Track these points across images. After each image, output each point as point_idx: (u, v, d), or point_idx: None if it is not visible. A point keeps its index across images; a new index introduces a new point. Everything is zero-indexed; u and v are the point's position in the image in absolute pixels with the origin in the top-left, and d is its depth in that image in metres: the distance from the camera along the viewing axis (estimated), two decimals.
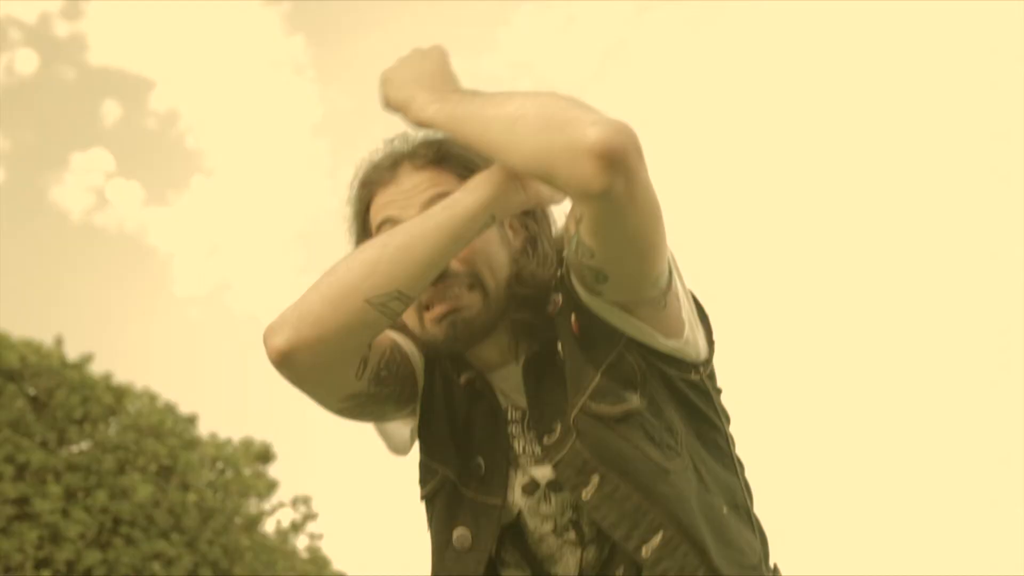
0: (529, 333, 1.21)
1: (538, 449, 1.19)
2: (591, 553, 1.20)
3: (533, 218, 1.25)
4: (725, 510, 1.15)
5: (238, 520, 7.13)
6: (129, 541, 6.24)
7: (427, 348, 1.26)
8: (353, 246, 1.26)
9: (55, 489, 5.82)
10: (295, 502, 7.72)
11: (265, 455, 7.52)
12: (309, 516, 9.89)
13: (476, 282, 1.18)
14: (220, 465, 7.21)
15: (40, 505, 5.73)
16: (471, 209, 1.12)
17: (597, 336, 1.15)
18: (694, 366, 1.19)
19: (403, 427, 1.33)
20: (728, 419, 1.25)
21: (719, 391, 1.24)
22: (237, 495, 7.19)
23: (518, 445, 1.23)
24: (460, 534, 1.22)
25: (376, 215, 1.23)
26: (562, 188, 1.04)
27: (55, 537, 5.83)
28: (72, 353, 6.20)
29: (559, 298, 1.18)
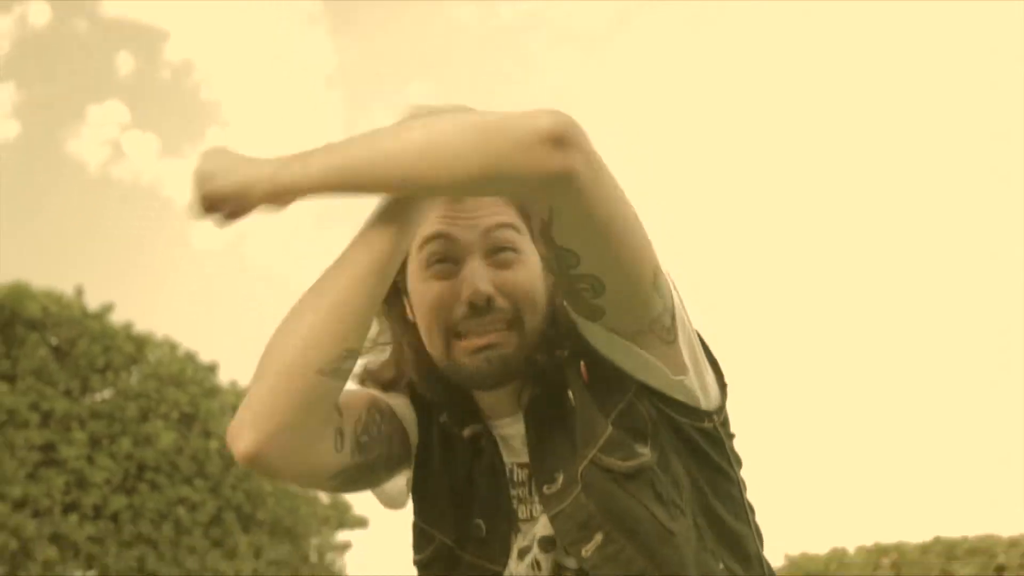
0: (538, 377, 1.13)
1: (538, 506, 1.12)
2: None
3: None
4: (722, 567, 1.08)
5: None
6: (154, 486, 6.37)
7: (433, 384, 1.18)
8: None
9: (80, 436, 5.94)
10: None
11: None
12: None
13: (517, 320, 1.10)
14: None
15: (66, 452, 5.85)
16: (393, 243, 1.03)
17: (608, 383, 1.08)
18: (707, 413, 1.11)
19: (398, 478, 1.25)
20: (740, 464, 1.18)
21: (732, 436, 1.17)
22: None
23: (523, 510, 1.15)
24: None
25: (429, 223, 1.13)
26: (519, 188, 0.98)
27: (81, 482, 5.96)
28: (92, 303, 6.28)
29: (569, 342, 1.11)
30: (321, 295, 1.02)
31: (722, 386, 1.15)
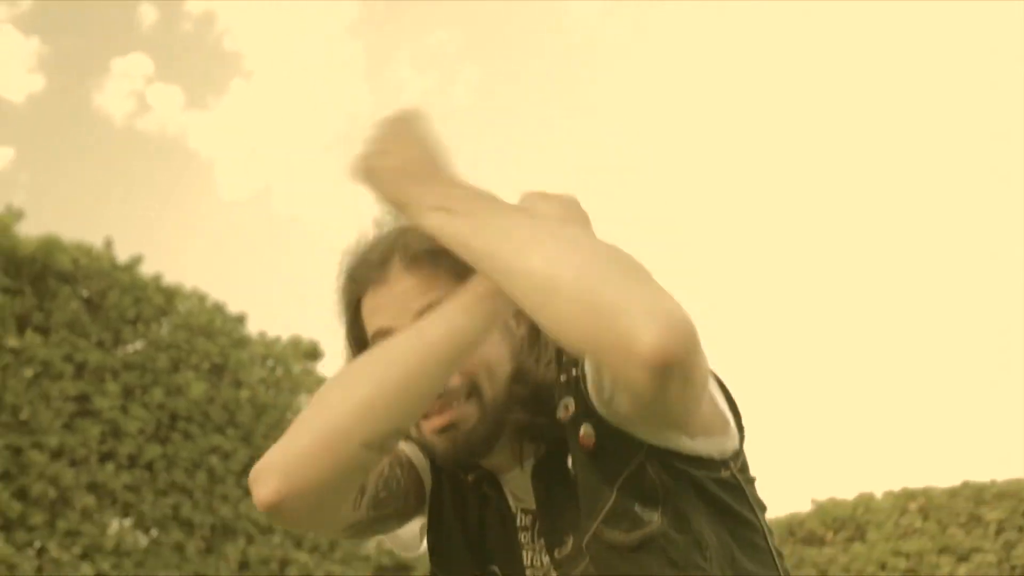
0: (533, 436, 1.10)
1: (546, 559, 1.10)
2: None
3: None
4: None
5: (290, 415, 7.30)
6: (187, 436, 6.46)
7: (429, 453, 1.16)
8: (344, 340, 1.16)
9: (113, 387, 6.01)
10: None
11: (313, 353, 7.66)
12: None
13: (474, 391, 1.07)
14: (270, 363, 7.37)
15: (100, 402, 5.93)
16: (472, 332, 0.99)
17: (613, 449, 1.01)
18: (723, 463, 1.06)
19: (412, 522, 1.25)
20: (764, 509, 1.12)
21: (752, 480, 1.11)
22: (288, 391, 7.36)
23: (526, 556, 1.13)
24: None
25: (368, 320, 1.12)
26: (607, 376, 0.93)
27: (116, 432, 6.05)
28: (121, 255, 6.33)
29: (571, 403, 1.05)
30: (388, 366, 0.98)
31: (740, 428, 1.10)
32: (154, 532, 6.27)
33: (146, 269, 6.49)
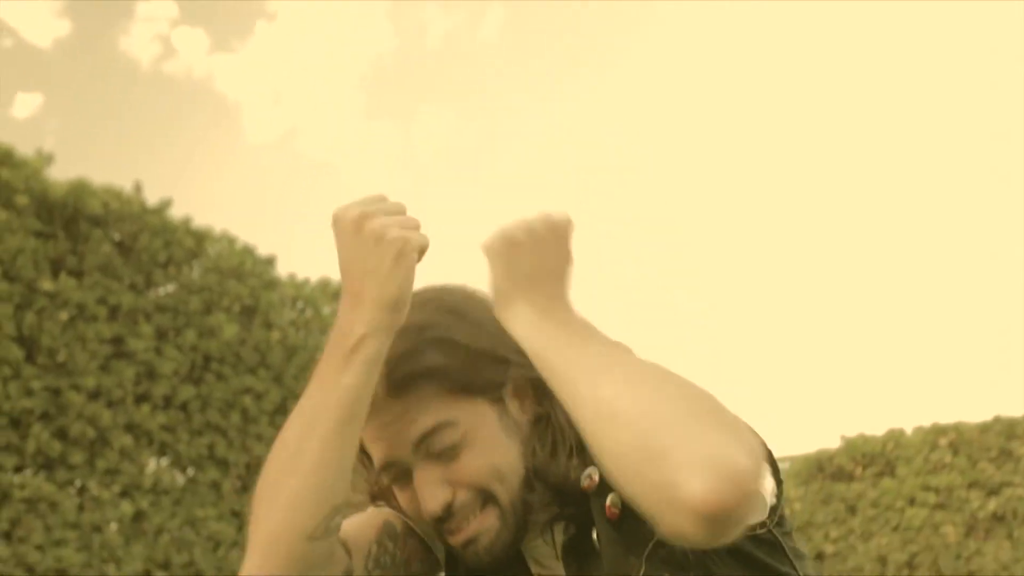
0: (559, 519, 1.06)
1: None
2: None
3: (539, 386, 1.04)
4: None
5: (319, 356, 7.36)
6: (219, 377, 6.54)
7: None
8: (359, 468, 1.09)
9: (147, 329, 6.09)
10: None
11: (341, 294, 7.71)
12: None
13: (489, 499, 1.04)
14: (300, 304, 7.42)
15: (134, 344, 6.01)
16: (357, 386, 0.96)
17: (639, 518, 0.93)
18: (759, 524, 1.02)
19: None
20: (803, 557, 1.08)
21: (790, 532, 1.07)
22: (318, 333, 7.42)
23: None
24: None
25: (371, 450, 1.07)
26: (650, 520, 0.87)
27: (151, 374, 6.14)
28: (150, 199, 6.36)
29: (595, 473, 1.02)
30: (299, 458, 0.96)
31: (777, 482, 1.05)
32: (191, 471, 6.39)
33: (175, 212, 6.53)
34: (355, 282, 0.99)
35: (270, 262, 7.16)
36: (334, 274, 7.85)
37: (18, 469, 5.44)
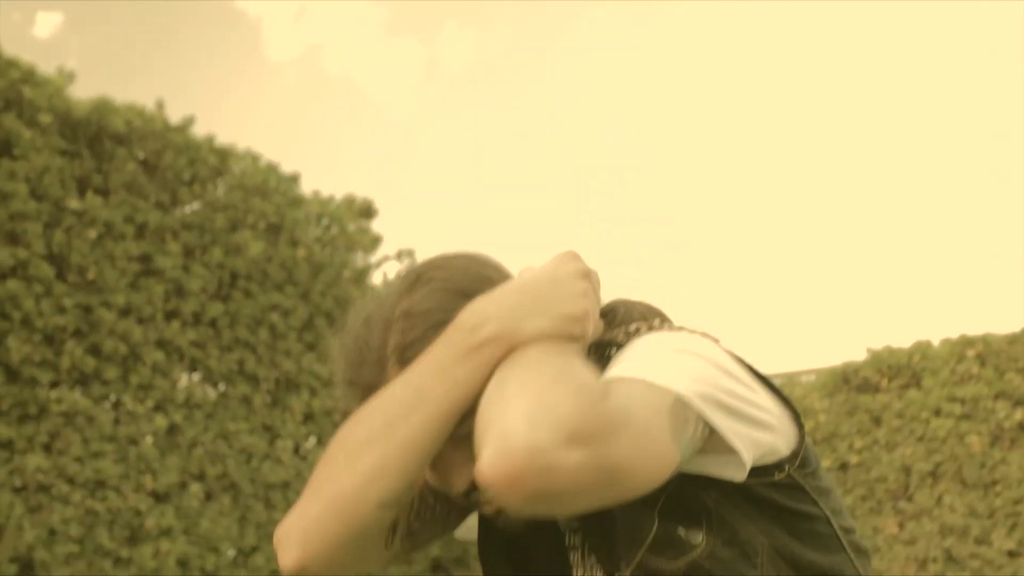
0: None
1: (600, 574, 1.08)
2: None
3: None
4: None
5: (347, 273, 7.40)
6: (247, 294, 6.60)
7: None
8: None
9: (174, 247, 6.13)
10: (399, 255, 7.92)
11: (367, 210, 7.70)
12: None
13: None
14: (325, 221, 7.43)
15: (162, 262, 6.06)
16: (471, 384, 0.97)
17: None
18: (776, 466, 1.04)
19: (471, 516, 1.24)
20: (828, 492, 1.10)
21: (814, 471, 1.08)
22: (344, 250, 7.45)
23: (577, 573, 1.11)
24: None
25: None
26: None
27: (179, 291, 6.20)
28: (173, 117, 6.34)
29: None
30: (393, 429, 0.97)
31: (798, 424, 1.07)
32: (222, 386, 6.50)
33: (198, 131, 6.52)
34: (528, 304, 1.00)
35: (294, 179, 7.16)
36: (358, 190, 7.85)
37: (54, 385, 5.56)
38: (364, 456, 0.98)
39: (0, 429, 5.22)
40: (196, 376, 6.42)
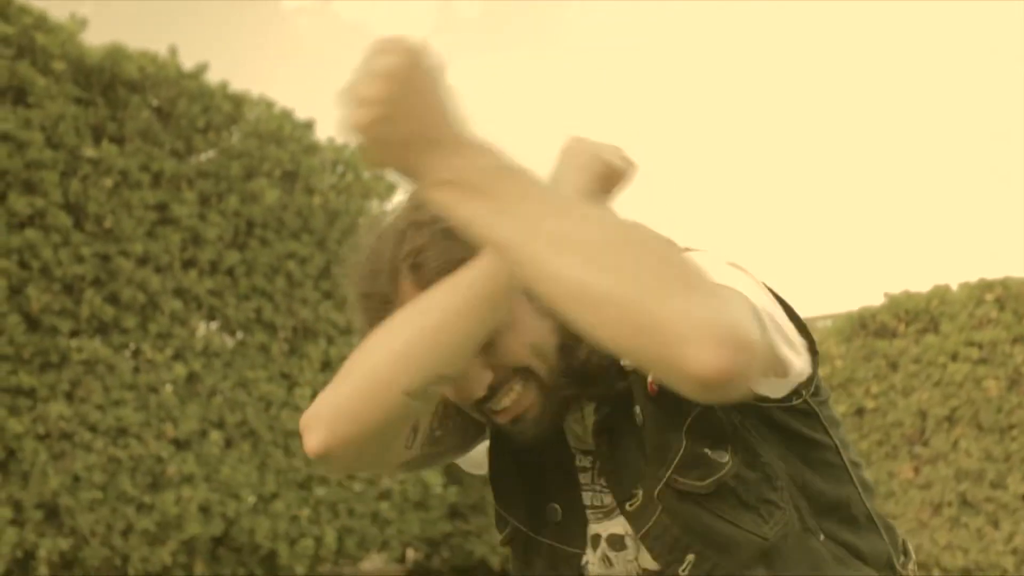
0: (601, 398, 1.08)
1: (607, 499, 1.10)
2: None
3: None
4: (822, 538, 1.05)
5: (363, 221, 7.39)
6: (263, 242, 6.59)
7: None
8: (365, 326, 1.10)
9: (190, 195, 6.12)
10: None
11: None
12: None
13: (528, 377, 1.04)
14: (340, 168, 7.39)
15: (179, 210, 6.05)
16: (507, 273, 0.92)
17: (678, 394, 0.89)
18: (795, 392, 1.04)
19: (482, 444, 1.23)
20: (838, 424, 1.11)
21: (826, 400, 1.09)
22: (359, 197, 7.41)
23: (587, 496, 1.12)
24: None
25: None
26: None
27: (196, 239, 6.20)
28: (186, 64, 6.28)
29: None
30: (425, 313, 0.96)
31: (812, 352, 1.05)
32: (240, 334, 6.52)
33: (211, 77, 6.46)
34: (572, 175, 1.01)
35: (309, 126, 7.11)
36: None
37: (74, 333, 5.59)
38: (394, 342, 0.97)
39: (22, 377, 5.26)
40: (214, 325, 6.44)
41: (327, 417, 0.97)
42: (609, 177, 1.05)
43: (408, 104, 0.78)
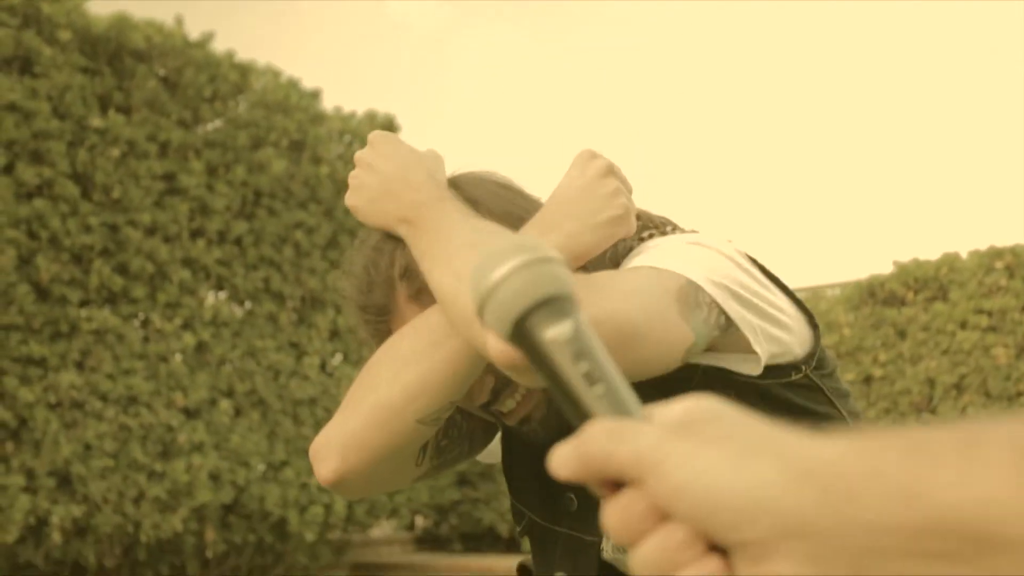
0: None
1: None
2: None
3: None
4: None
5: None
6: (271, 212, 6.59)
7: None
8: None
9: (197, 165, 6.11)
10: None
11: (389, 127, 7.62)
12: None
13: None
14: (347, 138, 7.37)
15: (186, 180, 6.05)
16: None
17: (671, 373, 0.95)
18: (793, 366, 1.03)
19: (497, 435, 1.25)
20: (846, 395, 1.10)
21: (831, 372, 1.09)
22: None
23: None
24: None
25: None
26: None
27: (204, 209, 6.21)
28: (192, 33, 6.26)
29: None
30: (437, 347, 0.97)
31: (813, 326, 1.06)
32: (248, 304, 6.54)
33: (217, 47, 6.44)
34: (559, 214, 1.00)
35: (316, 95, 7.09)
36: (380, 106, 7.76)
37: (83, 303, 5.62)
38: (407, 371, 0.98)
39: (33, 347, 5.29)
40: (222, 294, 6.46)
41: (337, 446, 1.00)
42: (609, 230, 1.02)
43: (380, 163, 1.08)
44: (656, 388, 1.01)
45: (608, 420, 0.48)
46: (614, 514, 0.45)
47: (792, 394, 1.05)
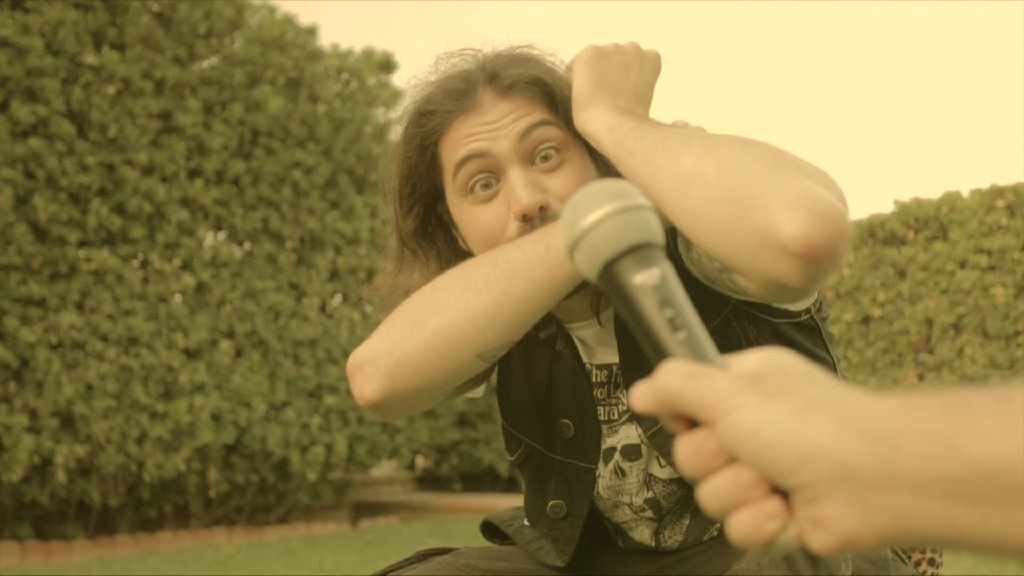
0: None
1: (623, 407, 1.09)
2: (667, 525, 1.12)
3: None
4: None
5: (368, 130, 7.30)
6: (268, 151, 6.53)
7: None
8: (401, 176, 1.07)
9: (193, 103, 6.03)
10: None
11: (387, 64, 7.52)
12: None
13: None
14: (345, 76, 7.27)
15: (182, 119, 5.97)
16: None
17: (699, 303, 0.94)
18: (804, 309, 1.07)
19: None
20: (835, 340, 1.14)
21: (826, 317, 1.12)
22: (364, 105, 7.31)
23: (602, 411, 1.11)
24: (553, 504, 1.14)
25: (456, 148, 1.02)
26: (745, 277, 0.85)
27: (201, 148, 6.14)
28: None
29: None
30: (512, 281, 0.94)
31: None
32: (247, 244, 6.51)
33: None
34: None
35: (312, 32, 6.98)
36: (377, 43, 7.64)
37: (82, 244, 5.58)
38: (477, 298, 0.95)
39: (33, 287, 5.27)
40: (221, 235, 6.42)
41: (389, 367, 0.96)
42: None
43: (631, 71, 1.03)
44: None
45: (688, 362, 0.52)
46: (687, 449, 0.50)
47: (798, 334, 1.07)
